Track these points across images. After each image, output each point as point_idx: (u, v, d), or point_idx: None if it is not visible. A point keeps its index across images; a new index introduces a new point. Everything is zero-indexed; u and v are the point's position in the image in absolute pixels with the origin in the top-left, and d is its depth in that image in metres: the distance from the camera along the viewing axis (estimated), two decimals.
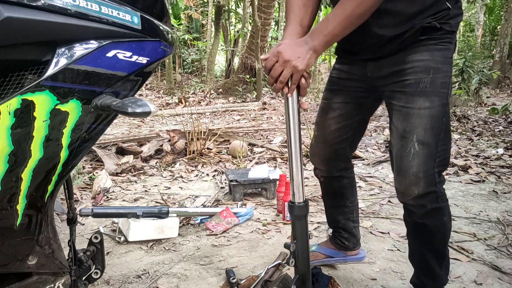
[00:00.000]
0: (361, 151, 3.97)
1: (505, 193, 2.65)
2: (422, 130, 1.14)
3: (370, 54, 1.23)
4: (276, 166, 3.38)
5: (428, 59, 1.14)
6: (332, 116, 1.42)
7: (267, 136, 4.71)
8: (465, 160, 3.49)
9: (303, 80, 1.10)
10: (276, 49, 1.07)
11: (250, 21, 11.26)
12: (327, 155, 1.49)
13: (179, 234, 2.03)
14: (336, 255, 1.68)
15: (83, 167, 3.24)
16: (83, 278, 1.04)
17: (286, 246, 1.18)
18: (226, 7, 13.07)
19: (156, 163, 3.51)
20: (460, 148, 4.03)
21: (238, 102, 8.61)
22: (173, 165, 3.45)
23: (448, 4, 1.13)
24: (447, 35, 1.14)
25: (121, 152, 3.67)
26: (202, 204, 2.52)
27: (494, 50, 13.15)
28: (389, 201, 2.53)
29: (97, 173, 3.05)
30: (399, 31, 1.14)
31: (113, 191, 2.75)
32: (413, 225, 1.29)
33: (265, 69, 1.10)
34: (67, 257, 0.97)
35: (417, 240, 1.32)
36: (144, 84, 1.17)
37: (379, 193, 2.70)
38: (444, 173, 1.22)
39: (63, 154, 0.76)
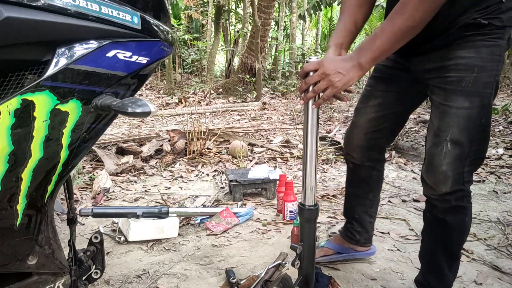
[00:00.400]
0: None
1: (505, 193, 2.65)
2: (457, 130, 1.11)
3: (413, 48, 1.18)
4: (276, 166, 3.38)
5: (474, 57, 1.09)
6: (373, 104, 1.41)
7: (267, 136, 4.71)
8: None
9: (335, 95, 1.07)
10: (321, 60, 1.04)
11: (250, 21, 11.25)
12: (362, 142, 1.47)
13: (179, 234, 2.03)
14: (345, 251, 1.67)
15: (83, 167, 3.24)
16: (83, 278, 1.04)
17: (293, 247, 1.17)
18: (226, 7, 13.06)
19: (156, 163, 3.51)
20: None
21: (238, 102, 8.61)
22: (173, 165, 3.45)
23: None
24: (496, 30, 1.08)
25: (121, 152, 3.67)
26: (202, 204, 2.52)
27: None
28: (389, 201, 2.53)
29: (97, 173, 3.05)
30: (443, 26, 1.09)
31: (113, 191, 2.75)
32: (432, 221, 1.27)
33: (301, 72, 1.07)
34: (67, 257, 0.97)
35: (432, 236, 1.29)
36: (144, 84, 1.17)
37: None
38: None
39: (63, 154, 0.76)
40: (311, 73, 1.06)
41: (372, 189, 1.58)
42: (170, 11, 4.10)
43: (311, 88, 1.05)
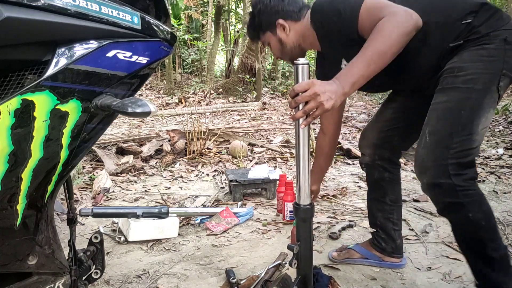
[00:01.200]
0: None
1: (505, 193, 2.65)
2: (435, 121, 1.17)
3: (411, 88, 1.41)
4: (276, 166, 3.38)
5: (455, 61, 1.18)
6: (392, 106, 1.52)
7: (267, 136, 4.71)
8: None
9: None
10: (312, 80, 1.07)
11: None
12: (375, 139, 1.56)
13: (179, 234, 2.03)
14: (372, 257, 1.68)
15: (83, 167, 3.24)
16: (83, 278, 1.04)
17: (290, 247, 1.17)
18: (226, 7, 13.06)
19: (156, 163, 3.51)
20: None
21: (238, 102, 8.61)
22: (173, 165, 3.45)
23: (466, 21, 1.16)
24: (479, 39, 1.16)
25: (121, 152, 3.67)
26: (202, 204, 2.52)
27: None
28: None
29: (97, 173, 3.05)
30: (430, 75, 1.27)
31: (113, 191, 2.75)
32: (450, 224, 1.24)
33: (291, 92, 1.08)
34: (67, 257, 0.97)
35: (457, 241, 1.26)
36: (144, 84, 1.17)
37: None
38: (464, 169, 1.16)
39: (63, 154, 0.76)
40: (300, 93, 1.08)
41: (386, 192, 1.60)
42: (170, 11, 4.10)
43: (301, 106, 1.06)
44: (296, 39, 1.39)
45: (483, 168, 3.24)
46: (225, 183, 2.91)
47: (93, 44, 0.71)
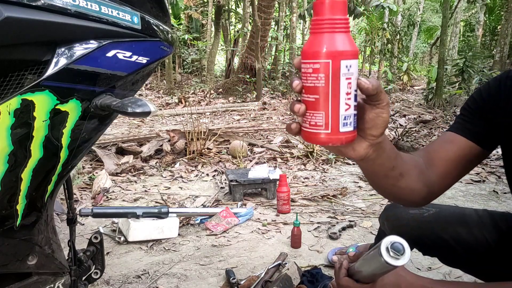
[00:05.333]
0: None
1: (505, 193, 2.65)
2: None
3: None
4: (276, 166, 3.38)
5: None
6: None
7: (267, 136, 4.70)
8: None
9: None
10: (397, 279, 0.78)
11: (250, 21, 11.25)
12: None
13: (179, 234, 2.03)
14: None
15: (83, 167, 3.24)
16: (83, 278, 1.04)
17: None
18: (226, 7, 13.06)
19: (156, 163, 3.51)
20: None
21: (238, 102, 8.60)
22: (173, 165, 3.45)
23: None
24: None
25: (121, 152, 3.67)
26: (202, 204, 2.52)
27: (494, 50, 13.15)
28: (389, 201, 2.53)
29: (97, 173, 3.04)
30: None
31: (113, 191, 2.75)
32: None
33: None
34: (67, 257, 0.97)
35: None
36: (144, 84, 1.17)
37: None
38: None
39: (63, 154, 0.76)
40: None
41: None
42: (170, 11, 4.10)
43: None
44: None
45: (483, 168, 3.24)
46: (225, 183, 2.91)
47: (93, 44, 0.70)
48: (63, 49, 0.68)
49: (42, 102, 0.67)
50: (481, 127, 0.83)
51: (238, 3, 14.56)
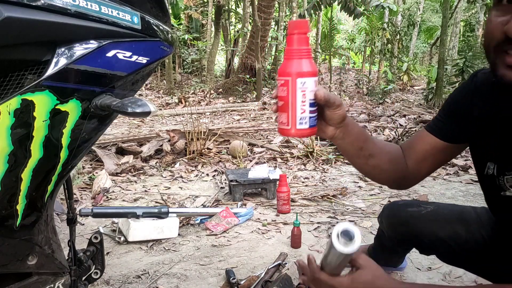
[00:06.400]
0: None
1: None
2: None
3: None
4: (276, 166, 3.38)
5: None
6: None
7: (267, 136, 4.71)
8: (465, 160, 3.49)
9: None
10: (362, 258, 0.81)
11: (250, 21, 11.25)
12: None
13: (179, 234, 2.03)
14: None
15: (83, 167, 3.24)
16: (83, 278, 1.04)
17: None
18: (226, 7, 13.06)
19: (156, 163, 3.51)
20: None
21: (238, 102, 8.60)
22: (173, 165, 3.45)
23: None
24: None
25: (121, 152, 3.67)
26: (202, 204, 2.52)
27: None
28: (389, 201, 2.53)
29: (97, 173, 3.04)
30: None
31: (113, 191, 2.75)
32: None
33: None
34: (67, 257, 0.97)
35: None
36: (144, 84, 1.17)
37: (379, 193, 2.70)
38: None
39: (63, 154, 0.76)
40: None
41: None
42: (170, 11, 4.10)
43: None
44: None
45: None
46: (225, 183, 2.91)
47: (93, 44, 0.70)
48: (63, 49, 0.68)
49: (42, 102, 0.67)
50: (452, 125, 0.94)
51: (238, 3, 14.55)
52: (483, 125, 0.87)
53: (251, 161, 3.58)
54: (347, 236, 0.72)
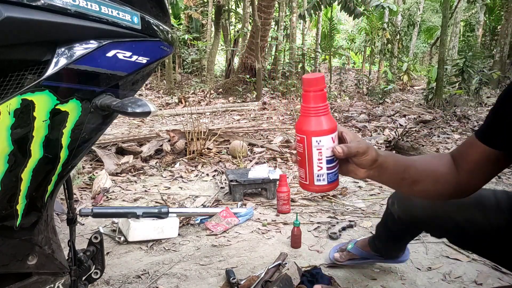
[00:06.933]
0: None
1: None
2: None
3: None
4: (276, 166, 3.38)
5: None
6: None
7: (267, 136, 4.70)
8: None
9: None
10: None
11: (250, 21, 11.25)
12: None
13: (179, 234, 2.03)
14: (372, 257, 1.61)
15: (83, 167, 3.24)
16: (83, 278, 1.04)
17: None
18: (226, 7, 13.06)
19: (156, 163, 3.51)
20: None
21: (238, 102, 8.60)
22: (173, 165, 3.45)
23: None
24: None
25: (121, 152, 3.67)
26: (202, 204, 2.52)
27: (494, 50, 13.15)
28: None
29: (97, 173, 3.04)
30: None
31: (113, 191, 2.75)
32: None
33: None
34: (67, 257, 0.97)
35: None
36: (144, 84, 1.17)
37: (379, 193, 2.70)
38: None
39: (63, 154, 0.76)
40: None
41: None
42: (170, 11, 4.10)
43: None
44: None
45: None
46: (225, 183, 2.91)
47: (93, 44, 0.70)
48: (63, 49, 0.68)
49: (42, 102, 0.67)
50: (502, 131, 0.80)
51: (238, 3, 14.56)
52: None
53: (251, 161, 3.58)
54: None
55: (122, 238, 1.95)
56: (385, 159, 0.80)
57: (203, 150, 3.67)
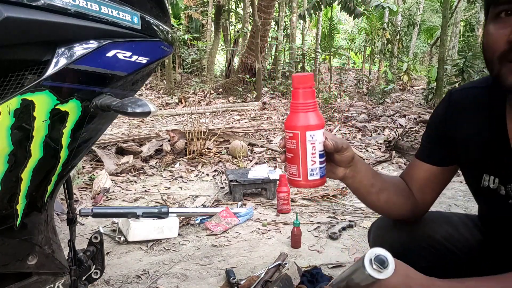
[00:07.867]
0: (361, 151, 3.97)
1: None
2: None
3: None
4: (276, 166, 3.38)
5: None
6: None
7: (267, 136, 4.70)
8: None
9: None
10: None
11: (250, 21, 11.24)
12: None
13: (179, 234, 2.03)
14: None
15: (83, 167, 3.24)
16: (83, 278, 1.04)
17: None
18: (226, 7, 13.05)
19: (156, 163, 3.51)
20: None
21: (238, 102, 8.60)
22: (173, 165, 3.45)
23: None
24: None
25: (121, 152, 3.67)
26: (202, 204, 2.52)
27: None
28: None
29: (97, 173, 3.04)
30: None
31: (113, 191, 2.75)
32: None
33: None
34: (67, 257, 0.97)
35: None
36: (144, 84, 1.17)
37: None
38: None
39: (63, 154, 0.76)
40: None
41: None
42: (170, 11, 4.10)
43: None
44: None
45: None
46: (225, 183, 2.91)
47: (93, 44, 0.70)
48: (63, 49, 0.68)
49: (42, 102, 0.67)
50: (440, 149, 0.92)
51: (238, 3, 14.55)
52: (477, 142, 0.85)
53: (251, 161, 3.58)
54: (379, 261, 0.66)
55: (122, 238, 1.95)
56: (358, 159, 0.87)
57: (203, 150, 3.67)
